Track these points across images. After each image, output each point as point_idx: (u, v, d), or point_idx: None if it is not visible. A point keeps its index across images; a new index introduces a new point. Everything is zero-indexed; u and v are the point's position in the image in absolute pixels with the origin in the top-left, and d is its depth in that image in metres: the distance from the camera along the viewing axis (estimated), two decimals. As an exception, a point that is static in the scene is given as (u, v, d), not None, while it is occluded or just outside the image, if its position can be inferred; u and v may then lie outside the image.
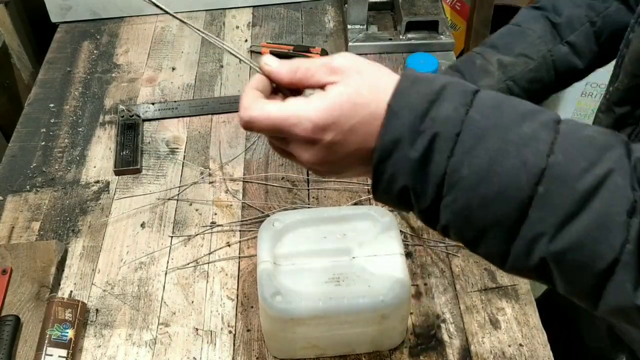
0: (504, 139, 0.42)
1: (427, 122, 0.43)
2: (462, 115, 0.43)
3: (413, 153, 0.44)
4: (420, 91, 0.44)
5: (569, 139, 0.42)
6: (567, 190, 0.40)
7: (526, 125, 0.42)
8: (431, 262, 0.91)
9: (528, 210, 0.42)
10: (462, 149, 0.43)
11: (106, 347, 0.83)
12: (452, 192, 0.43)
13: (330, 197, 1.00)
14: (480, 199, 0.43)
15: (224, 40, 1.31)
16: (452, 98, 0.44)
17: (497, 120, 0.43)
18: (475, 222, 0.44)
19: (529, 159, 0.41)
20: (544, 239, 0.41)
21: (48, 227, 0.97)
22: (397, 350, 0.81)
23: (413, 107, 0.44)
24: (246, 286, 0.89)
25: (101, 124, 1.14)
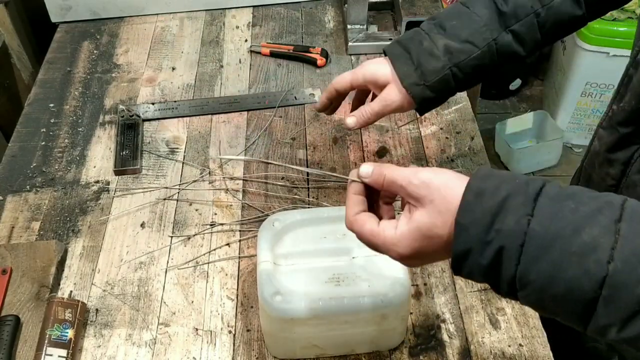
0: (565, 250, 0.46)
1: (492, 234, 0.48)
2: (525, 227, 0.47)
3: (483, 261, 0.49)
4: (484, 205, 0.49)
5: (628, 244, 0.45)
6: (629, 295, 0.44)
7: (586, 233, 0.46)
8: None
9: (596, 306, 0.46)
10: (527, 258, 0.47)
11: (106, 347, 0.83)
12: (525, 290, 0.49)
13: (330, 197, 1.00)
14: (550, 297, 0.48)
15: (224, 40, 1.31)
16: (514, 210, 0.48)
17: (557, 231, 0.47)
18: (550, 310, 0.49)
19: (591, 268, 0.45)
20: (613, 329, 0.46)
21: (48, 227, 0.97)
22: (397, 350, 0.81)
23: (479, 222, 0.49)
24: (246, 286, 0.89)
25: (101, 124, 1.14)
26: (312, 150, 1.07)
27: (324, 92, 0.87)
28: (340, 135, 1.09)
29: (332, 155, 1.06)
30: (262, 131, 1.11)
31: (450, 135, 1.09)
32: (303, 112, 1.14)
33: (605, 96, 2.03)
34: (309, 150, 1.07)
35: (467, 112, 1.13)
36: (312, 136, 1.10)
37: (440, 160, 1.05)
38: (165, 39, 1.31)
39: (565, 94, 2.10)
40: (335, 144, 1.08)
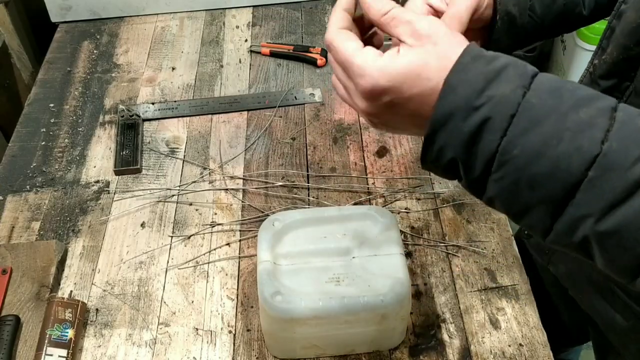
0: (560, 125, 0.43)
1: (482, 99, 0.45)
2: (519, 98, 0.44)
3: (466, 127, 0.45)
4: (479, 68, 0.46)
5: (625, 128, 0.43)
6: (618, 178, 0.42)
7: (583, 111, 0.43)
8: (431, 262, 0.91)
9: (575, 193, 0.43)
10: (516, 130, 0.44)
11: (106, 347, 0.83)
12: (502, 169, 0.45)
13: (330, 197, 1.00)
14: (528, 178, 0.44)
15: (224, 40, 1.31)
16: (511, 79, 0.45)
17: (554, 105, 0.44)
18: (521, 199, 0.45)
19: (584, 145, 0.42)
20: (589, 220, 0.43)
21: (48, 227, 0.97)
22: (397, 350, 0.81)
23: (470, 83, 0.45)
24: (246, 286, 0.89)
25: (101, 124, 1.14)
26: (312, 150, 1.07)
27: None
28: (340, 135, 1.09)
29: (332, 155, 1.06)
30: (262, 131, 1.11)
31: (450, 135, 1.09)
32: (303, 112, 1.14)
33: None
34: (309, 150, 1.07)
35: (467, 112, 1.13)
36: (312, 136, 1.10)
37: (440, 160, 1.05)
38: (165, 38, 1.31)
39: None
40: (335, 144, 1.08)
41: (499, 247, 0.92)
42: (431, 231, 0.95)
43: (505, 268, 0.90)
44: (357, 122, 1.12)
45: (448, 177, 0.52)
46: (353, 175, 1.03)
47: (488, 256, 0.91)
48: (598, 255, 0.45)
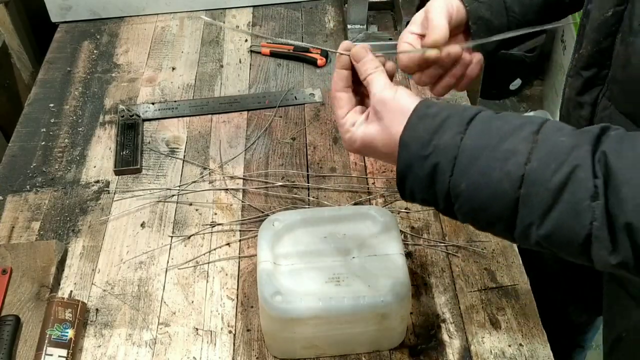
0: (490, 157, 0.53)
1: (430, 148, 0.55)
2: (458, 142, 0.55)
3: (422, 173, 0.56)
4: (425, 125, 0.57)
5: (543, 147, 0.52)
6: (542, 189, 0.51)
7: (508, 142, 0.53)
8: (431, 262, 0.91)
9: (517, 208, 0.52)
10: (459, 169, 0.54)
11: (106, 347, 0.83)
12: (458, 201, 0.56)
13: (330, 197, 1.00)
14: (479, 204, 0.54)
15: (224, 40, 1.31)
16: (450, 129, 0.55)
17: (485, 143, 0.54)
18: (481, 220, 0.56)
19: (511, 170, 0.52)
20: (533, 227, 0.52)
21: (48, 227, 0.97)
22: (397, 350, 0.81)
23: (419, 139, 0.56)
24: (246, 286, 0.89)
25: (101, 124, 1.14)
26: (312, 150, 1.07)
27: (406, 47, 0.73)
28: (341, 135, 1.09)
29: (332, 155, 1.06)
30: (262, 131, 1.11)
31: (450, 135, 1.09)
32: (303, 112, 1.14)
33: (605, 96, 2.04)
34: (309, 150, 1.07)
35: (467, 112, 1.13)
36: (312, 136, 1.10)
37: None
38: (165, 38, 1.31)
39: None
40: (335, 144, 1.08)
41: (499, 247, 0.92)
42: (431, 231, 0.95)
43: (505, 268, 0.90)
44: (357, 122, 1.11)
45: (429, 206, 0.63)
46: (353, 175, 1.03)
47: (488, 256, 0.91)
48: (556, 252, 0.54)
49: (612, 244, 0.49)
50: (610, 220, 0.49)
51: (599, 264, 0.51)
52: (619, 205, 0.48)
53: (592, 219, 0.49)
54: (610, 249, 0.50)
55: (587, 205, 0.49)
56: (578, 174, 0.50)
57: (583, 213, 0.50)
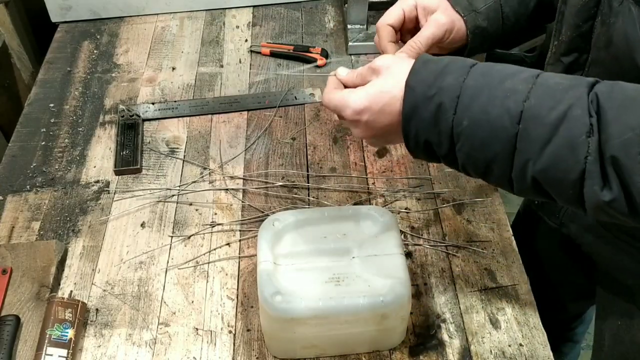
0: (491, 95, 0.57)
1: (434, 89, 0.59)
2: (461, 83, 0.58)
3: (427, 114, 0.59)
4: (429, 69, 0.60)
5: (541, 87, 0.56)
6: (540, 125, 0.54)
7: (508, 82, 0.57)
8: (431, 262, 0.91)
9: (516, 144, 0.56)
10: (462, 106, 0.58)
11: (106, 347, 0.83)
12: (460, 139, 0.58)
13: (330, 197, 1.00)
14: (480, 142, 0.57)
15: (224, 40, 1.31)
16: (453, 72, 0.59)
17: (486, 83, 0.58)
18: (481, 159, 0.58)
19: (511, 106, 0.56)
20: (530, 162, 0.55)
21: (48, 227, 0.97)
22: (397, 350, 0.81)
23: (424, 81, 0.60)
24: (246, 286, 0.89)
25: (101, 124, 1.14)
26: (312, 150, 1.07)
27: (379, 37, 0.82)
28: (340, 135, 1.09)
29: (332, 155, 1.06)
30: (262, 131, 1.11)
31: (450, 135, 1.09)
32: (303, 112, 1.14)
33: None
34: (309, 150, 1.07)
35: (467, 112, 1.13)
36: (312, 136, 1.10)
37: (440, 160, 1.05)
38: (165, 38, 1.31)
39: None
40: (335, 144, 1.08)
41: (499, 247, 0.92)
42: (431, 231, 0.95)
43: (505, 268, 0.90)
44: (357, 122, 1.11)
45: (432, 160, 0.64)
46: (353, 175, 1.03)
47: (488, 256, 0.91)
48: (551, 192, 0.57)
49: (603, 179, 0.52)
50: (601, 156, 0.52)
51: (591, 202, 0.54)
52: (607, 141, 0.51)
53: (586, 154, 0.52)
54: (601, 185, 0.52)
55: (582, 140, 0.52)
56: (574, 111, 0.53)
57: (578, 148, 0.52)
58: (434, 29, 0.77)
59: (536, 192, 0.58)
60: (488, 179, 0.61)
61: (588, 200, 0.54)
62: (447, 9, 0.78)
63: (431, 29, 0.77)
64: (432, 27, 0.77)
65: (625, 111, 0.52)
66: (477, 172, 0.61)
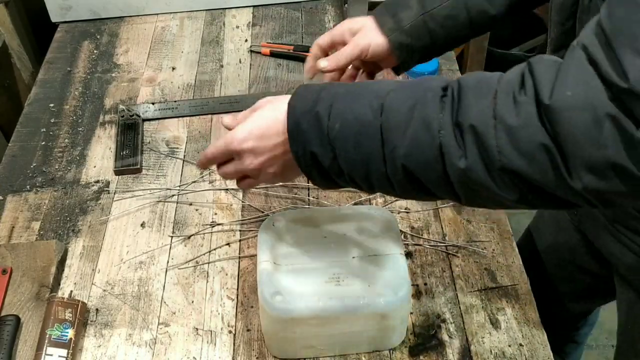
0: (358, 98, 0.61)
1: (312, 103, 0.62)
2: (334, 93, 0.62)
3: (307, 126, 0.62)
4: (309, 89, 0.64)
5: (401, 84, 0.60)
6: (398, 113, 0.58)
7: (374, 86, 0.62)
8: (431, 262, 0.91)
9: (382, 135, 0.58)
10: (334, 112, 0.61)
11: (106, 347, 0.83)
12: (337, 144, 0.61)
13: (330, 197, 1.00)
14: (352, 141, 0.60)
15: (224, 40, 1.31)
16: (330, 88, 0.63)
17: (356, 90, 0.62)
18: (358, 160, 0.60)
19: (373, 102, 0.59)
20: (397, 150, 0.58)
21: (48, 227, 0.97)
22: (397, 350, 0.81)
23: (304, 98, 0.63)
24: (246, 286, 0.89)
25: (101, 124, 1.14)
26: (312, 150, 1.07)
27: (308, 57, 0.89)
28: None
29: (332, 155, 1.06)
30: (262, 131, 1.11)
31: (450, 135, 1.09)
32: (303, 112, 1.14)
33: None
34: (309, 150, 1.07)
35: (467, 112, 1.13)
36: (312, 136, 1.10)
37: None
38: (165, 38, 1.31)
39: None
40: (335, 143, 1.08)
41: (499, 247, 0.92)
42: (431, 231, 0.95)
43: (505, 268, 0.90)
44: (357, 122, 1.12)
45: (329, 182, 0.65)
46: (353, 175, 1.03)
47: (488, 256, 0.91)
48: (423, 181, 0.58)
49: (459, 148, 0.55)
50: (458, 127, 0.55)
51: (454, 176, 0.56)
52: (464, 112, 0.54)
53: (439, 128, 0.55)
54: (459, 154, 0.55)
55: (435, 116, 0.56)
56: (427, 94, 0.57)
57: (432, 124, 0.56)
58: (351, 47, 0.84)
59: (412, 184, 0.59)
60: (371, 183, 0.62)
61: (452, 176, 0.56)
62: (370, 30, 0.83)
63: (348, 48, 0.84)
64: (350, 46, 0.84)
65: (479, 85, 0.56)
66: (360, 178, 0.62)
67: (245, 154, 0.67)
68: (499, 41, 2.01)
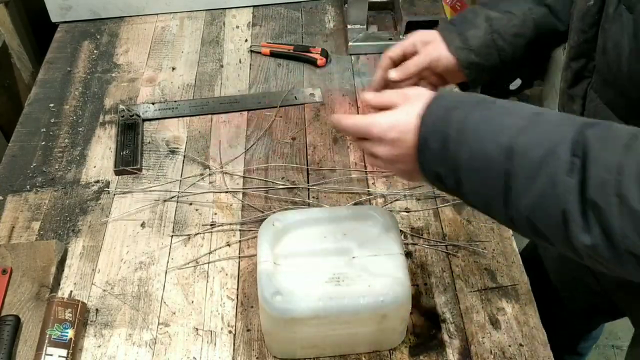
0: (490, 129, 0.58)
1: (442, 123, 0.60)
2: (465, 117, 0.59)
3: (435, 145, 0.61)
4: (440, 103, 0.62)
5: (534, 124, 0.56)
6: (527, 161, 0.54)
7: (508, 118, 0.58)
8: (431, 262, 0.91)
9: (508, 180, 0.56)
10: (463, 139, 0.58)
11: (106, 347, 0.83)
12: (462, 172, 0.59)
13: (330, 197, 1.00)
14: (477, 175, 0.58)
15: (224, 40, 1.31)
16: (461, 106, 0.60)
17: (488, 117, 0.59)
18: (481, 193, 0.59)
19: (504, 141, 0.56)
20: (521, 200, 0.55)
21: (48, 227, 0.97)
22: (397, 350, 0.81)
23: (435, 116, 0.62)
24: (246, 286, 0.89)
25: (101, 124, 1.14)
26: (312, 150, 1.07)
27: (378, 68, 0.87)
28: (340, 135, 1.09)
29: (332, 155, 1.06)
30: (262, 131, 1.11)
31: (450, 135, 1.09)
32: (303, 112, 1.14)
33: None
34: (309, 150, 1.07)
35: (467, 112, 1.13)
36: (312, 136, 1.10)
37: (440, 160, 1.05)
38: (165, 38, 1.31)
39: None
40: (335, 144, 1.08)
41: (499, 247, 0.92)
42: (431, 231, 0.95)
43: (505, 268, 0.90)
44: (357, 122, 1.12)
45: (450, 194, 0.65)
46: (353, 175, 1.03)
47: (488, 256, 0.91)
48: (546, 234, 0.55)
49: (584, 222, 0.51)
50: (582, 198, 0.51)
51: (578, 246, 0.53)
52: (587, 183, 0.51)
53: (565, 192, 0.52)
54: (582, 227, 0.51)
55: (563, 179, 0.52)
56: (558, 149, 0.53)
57: (559, 186, 0.52)
58: (422, 57, 0.83)
59: (535, 234, 0.57)
60: (493, 217, 0.61)
61: (576, 246, 0.53)
62: (441, 43, 0.83)
63: (419, 57, 0.83)
64: (421, 55, 0.83)
65: (606, 153, 0.51)
66: (481, 209, 0.62)
67: (384, 143, 0.66)
68: (499, 41, 2.01)
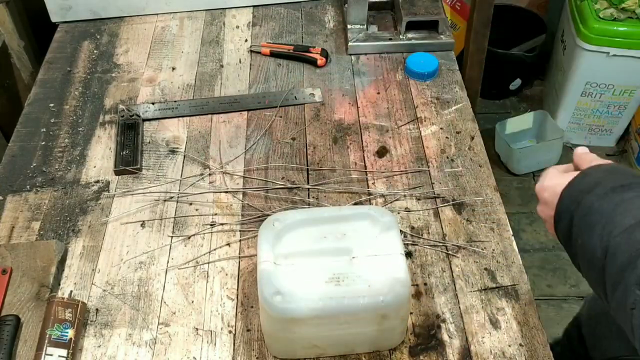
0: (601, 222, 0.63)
1: (574, 205, 0.66)
2: (590, 206, 0.65)
3: (565, 222, 0.67)
4: (579, 184, 0.68)
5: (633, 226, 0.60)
6: (613, 266, 0.60)
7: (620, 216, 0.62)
8: (431, 262, 0.91)
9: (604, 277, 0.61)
10: (583, 226, 0.65)
11: (106, 347, 0.83)
12: (577, 254, 0.66)
13: (330, 197, 1.00)
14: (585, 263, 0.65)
15: (224, 40, 1.31)
16: (594, 193, 0.65)
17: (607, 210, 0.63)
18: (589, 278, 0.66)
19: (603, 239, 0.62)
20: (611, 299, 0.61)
21: (48, 227, 0.97)
22: (397, 350, 0.81)
23: (571, 195, 0.68)
24: (246, 286, 0.89)
25: (101, 124, 1.14)
26: (312, 150, 1.07)
27: None
28: (340, 135, 1.09)
29: (332, 155, 1.06)
30: (262, 131, 1.11)
31: (450, 135, 1.09)
32: (303, 112, 1.14)
33: (605, 96, 2.03)
34: (309, 150, 1.07)
35: (467, 111, 1.13)
36: (312, 136, 1.10)
37: (440, 160, 1.05)
38: (165, 38, 1.31)
39: (565, 94, 2.09)
40: (335, 144, 1.08)
41: (499, 247, 0.92)
42: (431, 231, 0.95)
43: (505, 268, 0.90)
44: (357, 122, 1.12)
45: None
46: (353, 175, 1.03)
47: (488, 256, 0.91)
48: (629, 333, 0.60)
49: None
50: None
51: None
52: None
53: (633, 305, 0.57)
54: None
55: (632, 289, 0.58)
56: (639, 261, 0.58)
57: (629, 297, 0.58)
58: None
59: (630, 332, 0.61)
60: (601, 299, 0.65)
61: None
62: None
63: None
64: None
65: None
66: (592, 288, 0.67)
67: (541, 199, 0.75)
68: (499, 41, 2.01)
